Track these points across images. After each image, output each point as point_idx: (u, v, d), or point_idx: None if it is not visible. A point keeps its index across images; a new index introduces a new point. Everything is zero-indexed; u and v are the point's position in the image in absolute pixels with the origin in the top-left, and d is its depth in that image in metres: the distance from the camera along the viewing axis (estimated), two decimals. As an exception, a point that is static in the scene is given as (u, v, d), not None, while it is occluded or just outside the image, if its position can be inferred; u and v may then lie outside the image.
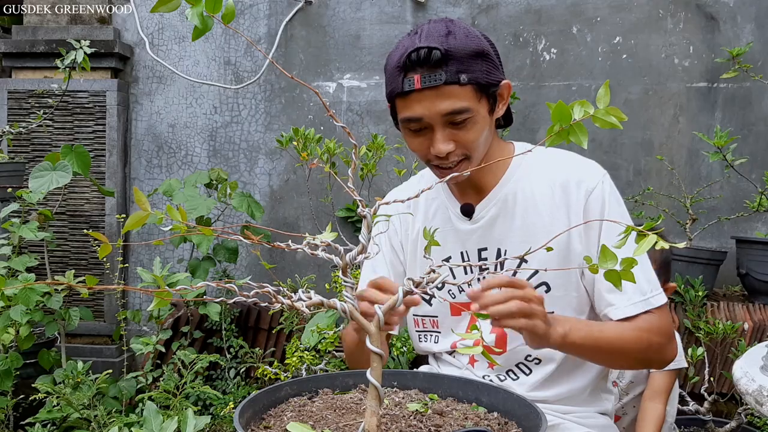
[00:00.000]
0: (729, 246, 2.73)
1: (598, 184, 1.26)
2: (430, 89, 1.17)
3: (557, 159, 1.33)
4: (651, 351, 1.23)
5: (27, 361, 2.54)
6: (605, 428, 1.35)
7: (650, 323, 1.22)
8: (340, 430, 0.87)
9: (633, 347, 1.21)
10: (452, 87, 1.17)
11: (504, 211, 1.31)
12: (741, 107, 2.95)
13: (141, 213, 0.72)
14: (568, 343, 1.13)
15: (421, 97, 1.18)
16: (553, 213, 1.26)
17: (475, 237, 1.33)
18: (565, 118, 0.69)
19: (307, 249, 0.83)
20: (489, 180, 1.32)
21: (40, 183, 2.53)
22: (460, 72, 1.17)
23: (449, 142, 1.20)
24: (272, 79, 3.25)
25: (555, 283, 1.28)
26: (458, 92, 1.17)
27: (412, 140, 1.26)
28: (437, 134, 1.20)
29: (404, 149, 2.78)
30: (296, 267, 3.18)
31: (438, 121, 1.19)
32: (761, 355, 1.03)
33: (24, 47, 3.19)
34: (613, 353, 1.21)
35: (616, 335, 1.20)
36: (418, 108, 1.19)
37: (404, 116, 1.22)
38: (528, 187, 1.30)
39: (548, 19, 3.06)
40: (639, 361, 1.31)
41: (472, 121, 1.20)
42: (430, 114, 1.19)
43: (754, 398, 0.95)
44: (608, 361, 1.27)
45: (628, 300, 1.22)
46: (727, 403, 2.31)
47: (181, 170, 3.32)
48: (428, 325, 1.40)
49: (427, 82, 1.16)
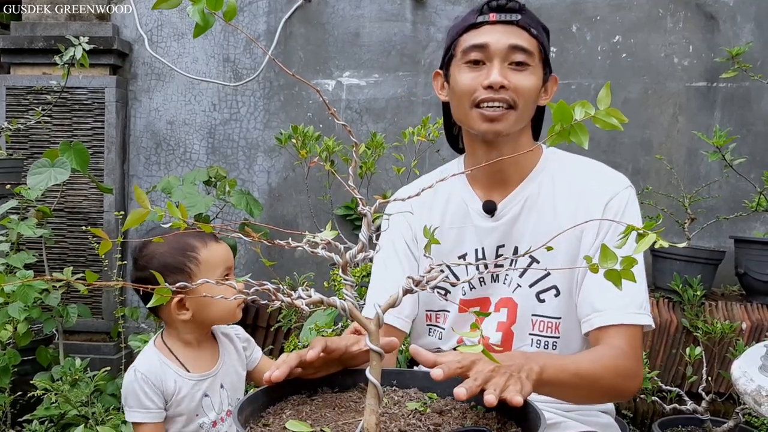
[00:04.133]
0: (727, 246, 2.74)
1: (618, 194, 1.26)
2: (502, 24, 1.22)
3: (585, 166, 1.33)
4: (623, 378, 1.17)
5: (25, 357, 2.53)
6: (607, 427, 1.35)
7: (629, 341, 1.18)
8: (339, 428, 0.87)
9: (607, 378, 1.14)
10: (523, 31, 1.23)
11: (525, 210, 1.30)
12: (740, 107, 2.95)
13: (141, 210, 0.72)
14: (545, 380, 1.01)
15: (492, 30, 1.22)
16: (571, 218, 1.24)
17: (496, 234, 1.32)
18: (566, 117, 0.69)
19: (307, 247, 0.83)
20: (515, 174, 1.31)
21: (38, 180, 2.53)
22: (531, 26, 1.23)
23: (505, 77, 1.21)
24: (271, 76, 3.25)
25: (564, 288, 1.27)
26: (527, 37, 1.23)
27: (464, 75, 1.25)
28: (495, 66, 1.21)
29: (403, 147, 2.78)
30: (295, 265, 3.18)
31: (501, 53, 1.21)
32: (760, 355, 1.03)
33: (22, 43, 3.18)
34: (588, 385, 1.13)
35: (590, 366, 1.13)
36: (485, 36, 1.22)
37: (469, 44, 1.24)
38: (551, 189, 1.29)
39: (548, 17, 3.05)
40: (610, 392, 1.22)
41: (531, 71, 1.22)
42: (496, 43, 1.21)
43: (752, 398, 0.95)
44: (582, 394, 1.18)
45: (622, 308, 1.19)
46: (725, 402, 2.32)
47: (180, 167, 3.31)
48: (441, 320, 1.39)
49: (502, 17, 1.22)
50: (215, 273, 1.35)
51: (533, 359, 1.03)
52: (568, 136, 0.70)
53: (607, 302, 1.20)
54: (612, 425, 1.37)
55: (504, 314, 1.31)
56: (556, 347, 1.29)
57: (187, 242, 1.35)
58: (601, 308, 1.20)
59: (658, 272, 2.56)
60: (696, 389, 2.28)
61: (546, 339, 1.29)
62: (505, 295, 1.31)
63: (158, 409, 1.34)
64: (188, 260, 1.35)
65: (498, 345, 1.30)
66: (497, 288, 1.33)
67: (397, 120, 3.17)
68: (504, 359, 0.98)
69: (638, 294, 1.21)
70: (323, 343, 1.00)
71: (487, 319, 1.32)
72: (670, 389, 2.24)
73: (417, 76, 3.15)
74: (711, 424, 2.12)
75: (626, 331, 1.19)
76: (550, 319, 1.28)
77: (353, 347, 1.02)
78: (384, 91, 3.18)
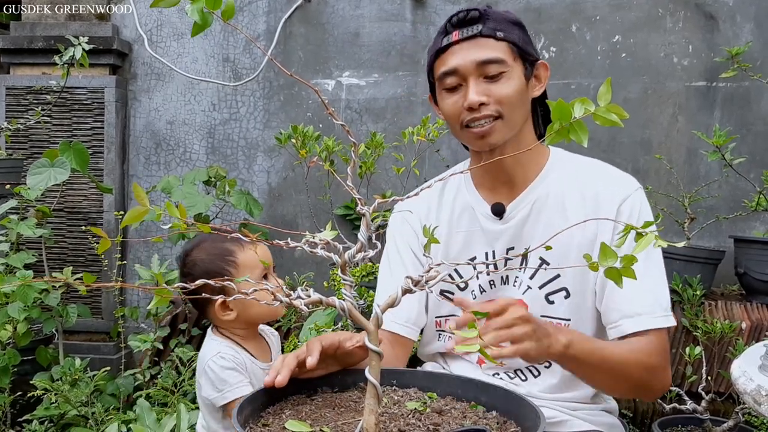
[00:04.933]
0: (727, 245, 2.73)
1: (630, 196, 1.25)
2: (466, 41, 1.21)
3: (594, 168, 1.32)
4: (650, 374, 1.19)
5: (24, 357, 2.53)
6: (612, 427, 1.35)
7: (658, 342, 1.20)
8: (338, 428, 0.87)
9: (634, 369, 1.16)
10: (488, 39, 1.21)
11: (534, 212, 1.29)
12: (740, 106, 2.95)
13: (139, 208, 0.72)
14: (569, 355, 1.07)
15: (458, 49, 1.21)
16: (581, 221, 1.23)
17: (505, 237, 1.31)
18: (566, 116, 0.69)
19: (307, 247, 0.83)
20: (521, 176, 1.30)
21: (38, 180, 2.53)
22: (496, 30, 1.21)
23: (482, 94, 1.20)
24: (271, 76, 3.25)
25: (575, 290, 1.26)
26: (493, 45, 1.21)
27: (446, 101, 1.25)
28: (471, 85, 1.20)
29: (403, 147, 2.78)
30: (294, 264, 3.18)
31: (472, 71, 1.20)
32: (759, 355, 1.03)
33: (22, 43, 3.18)
34: (614, 373, 1.16)
35: (619, 353, 1.15)
36: (453, 60, 1.22)
37: (441, 71, 1.24)
38: (560, 191, 1.28)
39: (547, 17, 3.06)
40: (636, 386, 1.23)
41: (507, 76, 1.21)
42: (464, 64, 1.20)
43: (752, 398, 0.95)
44: (606, 381, 1.20)
45: (651, 313, 1.19)
46: (725, 402, 2.31)
47: (180, 167, 3.31)
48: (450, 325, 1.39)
49: (464, 34, 1.21)
50: (254, 274, 1.41)
51: (563, 332, 1.08)
52: (568, 134, 0.70)
53: (635, 307, 1.20)
54: (617, 425, 1.37)
55: None
56: None
57: (225, 247, 1.44)
58: (631, 313, 1.20)
59: (658, 272, 2.55)
60: (696, 389, 2.28)
61: None
62: (515, 298, 1.31)
63: (248, 381, 1.40)
64: (227, 264, 1.43)
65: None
66: (507, 291, 1.32)
67: (397, 120, 3.17)
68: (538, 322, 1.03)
69: (662, 295, 1.23)
70: (319, 345, 1.00)
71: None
72: (669, 389, 2.24)
73: (417, 75, 3.15)
74: (711, 424, 2.12)
75: (655, 333, 1.20)
76: (559, 321, 1.28)
77: (346, 343, 1.02)
78: (383, 91, 3.18)
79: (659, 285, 1.23)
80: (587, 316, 1.27)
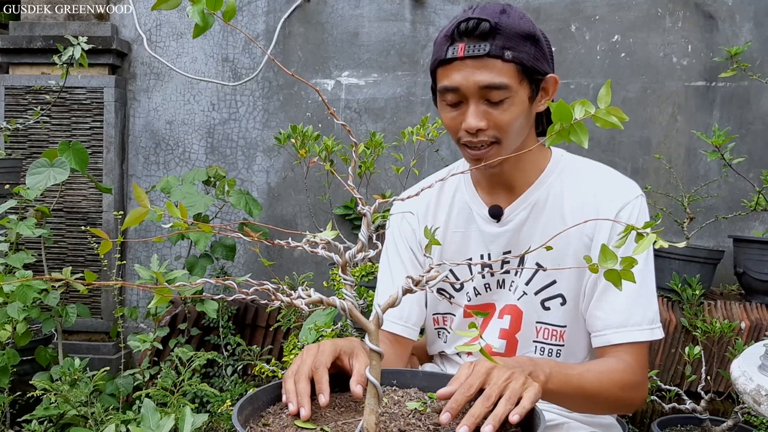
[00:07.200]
0: (726, 245, 2.74)
1: (629, 202, 1.23)
2: (472, 59, 1.14)
3: (595, 173, 1.30)
4: (627, 392, 1.18)
5: (24, 357, 2.53)
6: (609, 427, 1.35)
7: (639, 355, 1.19)
8: (339, 428, 0.87)
9: (609, 392, 1.15)
10: (495, 61, 1.13)
11: (532, 216, 1.27)
12: (739, 106, 2.95)
13: (140, 209, 0.72)
14: (547, 390, 1.03)
15: (462, 66, 1.15)
16: (580, 226, 1.20)
17: (502, 240, 1.29)
18: (566, 117, 0.69)
19: (307, 247, 0.83)
20: (521, 180, 1.28)
21: (37, 179, 2.52)
22: (505, 48, 1.14)
23: (482, 119, 1.16)
24: (270, 76, 3.25)
25: (570, 296, 1.26)
26: (500, 67, 1.14)
27: (446, 114, 1.21)
28: (471, 108, 1.16)
29: (403, 147, 2.78)
30: (294, 264, 3.18)
31: (474, 93, 1.15)
32: (759, 354, 1.03)
33: (21, 43, 3.17)
34: (589, 398, 1.14)
35: (594, 378, 1.14)
36: (456, 77, 1.15)
37: (442, 85, 1.18)
38: (559, 194, 1.27)
39: (547, 17, 3.06)
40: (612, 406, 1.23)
41: (510, 102, 1.15)
42: (467, 84, 1.14)
43: (751, 397, 0.95)
44: (583, 406, 1.20)
45: (637, 325, 1.19)
46: (724, 402, 2.32)
47: (179, 167, 3.31)
48: (447, 323, 1.39)
49: (470, 51, 1.13)
50: None
51: (540, 366, 1.04)
52: (568, 135, 0.70)
53: (621, 318, 1.19)
54: (614, 425, 1.37)
55: (507, 321, 1.30)
56: (560, 355, 1.29)
57: None
58: (617, 324, 1.20)
59: (657, 272, 2.53)
60: (695, 388, 2.28)
61: (550, 347, 1.29)
62: (510, 302, 1.31)
63: None
64: None
65: (502, 352, 1.30)
66: (503, 294, 1.32)
67: (397, 119, 3.17)
68: (512, 364, 1.00)
69: (649, 307, 1.21)
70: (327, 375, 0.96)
71: (490, 326, 1.32)
72: (669, 388, 2.24)
73: (416, 75, 3.15)
74: (710, 424, 2.12)
75: (638, 346, 1.20)
76: (555, 327, 1.28)
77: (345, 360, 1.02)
78: (383, 91, 3.18)
79: (648, 297, 1.22)
80: (583, 323, 1.27)
